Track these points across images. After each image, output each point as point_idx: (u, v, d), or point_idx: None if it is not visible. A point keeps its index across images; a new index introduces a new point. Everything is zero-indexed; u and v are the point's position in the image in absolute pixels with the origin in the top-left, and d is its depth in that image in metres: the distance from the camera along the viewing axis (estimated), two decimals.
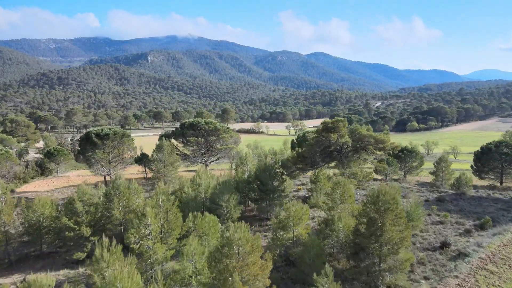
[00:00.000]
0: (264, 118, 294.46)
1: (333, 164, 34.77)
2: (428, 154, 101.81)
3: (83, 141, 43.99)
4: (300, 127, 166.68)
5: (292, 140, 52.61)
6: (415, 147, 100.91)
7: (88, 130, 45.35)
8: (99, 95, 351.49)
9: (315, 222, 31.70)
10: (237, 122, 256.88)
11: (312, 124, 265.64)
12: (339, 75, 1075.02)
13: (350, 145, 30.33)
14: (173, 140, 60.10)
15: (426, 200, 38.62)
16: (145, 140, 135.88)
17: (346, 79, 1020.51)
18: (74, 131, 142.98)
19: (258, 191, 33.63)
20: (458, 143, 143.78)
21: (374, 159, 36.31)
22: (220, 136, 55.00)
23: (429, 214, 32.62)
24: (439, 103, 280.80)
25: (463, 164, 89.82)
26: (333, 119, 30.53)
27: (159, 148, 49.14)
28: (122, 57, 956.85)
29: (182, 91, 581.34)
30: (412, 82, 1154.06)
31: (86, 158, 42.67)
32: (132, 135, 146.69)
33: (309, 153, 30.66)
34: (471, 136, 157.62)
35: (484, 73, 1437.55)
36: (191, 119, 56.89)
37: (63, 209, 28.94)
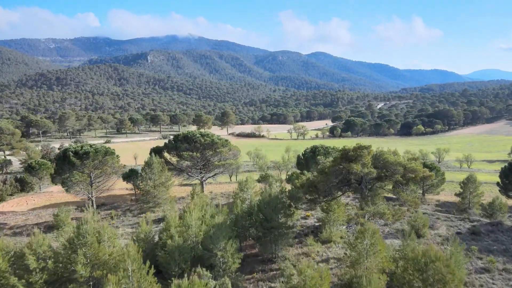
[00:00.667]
0: (264, 119, 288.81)
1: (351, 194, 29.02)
2: (439, 162, 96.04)
3: (60, 160, 38.20)
4: (302, 131, 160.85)
5: (299, 156, 46.80)
6: (426, 155, 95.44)
7: (65, 147, 39.51)
8: (97, 96, 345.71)
9: (332, 269, 25.93)
10: (237, 124, 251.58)
11: (313, 126, 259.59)
12: (339, 75, 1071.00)
13: (374, 176, 24.59)
14: (166, 154, 54.45)
15: (458, 233, 32.86)
16: (141, 145, 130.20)
17: (347, 79, 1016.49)
18: (67, 135, 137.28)
19: (260, 228, 27.86)
20: (468, 148, 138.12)
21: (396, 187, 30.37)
22: (217, 150, 49.23)
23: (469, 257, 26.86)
24: (444, 105, 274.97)
25: (479, 175, 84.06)
26: (356, 146, 24.69)
27: (148, 165, 43.41)
28: (122, 57, 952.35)
29: (181, 92, 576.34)
30: (413, 82, 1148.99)
31: (62, 180, 36.93)
32: (128, 140, 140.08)
33: (323, 184, 24.95)
34: (480, 141, 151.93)
35: (485, 73, 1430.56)
36: (185, 131, 51.10)
37: (24, 254, 23.19)
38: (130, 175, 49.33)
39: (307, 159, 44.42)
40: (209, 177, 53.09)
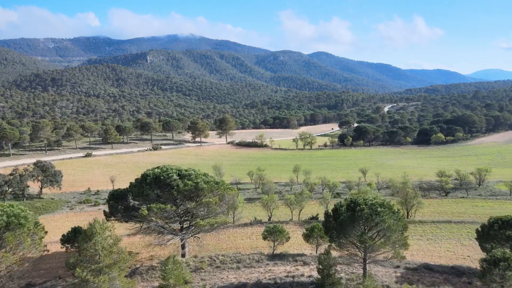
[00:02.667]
0: (266, 123, 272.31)
1: None
2: (480, 185, 79.50)
3: None
4: (309, 140, 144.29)
5: (327, 214, 30.38)
6: (465, 177, 78.90)
7: None
8: (90, 99, 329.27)
9: None
10: (238, 129, 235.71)
11: (319, 131, 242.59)
12: (342, 75, 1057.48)
13: None
14: (132, 201, 37.96)
15: None
16: (126, 159, 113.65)
17: (349, 79, 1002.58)
18: (43, 147, 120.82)
19: None
20: (500, 161, 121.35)
21: None
22: (203, 200, 32.81)
23: None
24: (457, 108, 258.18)
25: None
26: None
27: (88, 236, 26.98)
28: (121, 56, 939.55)
29: (181, 93, 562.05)
30: (415, 82, 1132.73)
31: None
32: (113, 152, 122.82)
33: None
34: (510, 151, 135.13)
35: (488, 73, 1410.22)
36: (157, 170, 34.59)
37: None
38: (72, 238, 32.92)
39: (341, 223, 27.91)
40: (192, 235, 36.61)
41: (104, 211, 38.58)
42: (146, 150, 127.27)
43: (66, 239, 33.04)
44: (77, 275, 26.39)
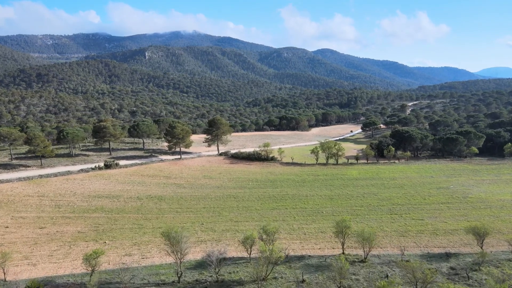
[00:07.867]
0: (271, 124, 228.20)
1: None
2: None
3: None
4: (335, 150, 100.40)
5: None
6: None
7: None
8: (66, 95, 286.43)
9: None
10: (237, 132, 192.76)
11: (335, 134, 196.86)
12: (347, 72, 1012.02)
13: None
14: None
15: None
16: (50, 187, 68.80)
17: (356, 77, 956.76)
18: None
19: None
20: None
21: None
22: None
23: None
24: (502, 107, 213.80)
25: None
26: None
27: None
28: (119, 53, 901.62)
29: (178, 90, 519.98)
30: (423, 80, 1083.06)
31: None
32: (37, 173, 73.04)
33: None
34: None
35: (496, 71, 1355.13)
36: None
37: None
38: None
39: None
40: None
41: None
42: (93, 169, 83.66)
43: None
44: None
